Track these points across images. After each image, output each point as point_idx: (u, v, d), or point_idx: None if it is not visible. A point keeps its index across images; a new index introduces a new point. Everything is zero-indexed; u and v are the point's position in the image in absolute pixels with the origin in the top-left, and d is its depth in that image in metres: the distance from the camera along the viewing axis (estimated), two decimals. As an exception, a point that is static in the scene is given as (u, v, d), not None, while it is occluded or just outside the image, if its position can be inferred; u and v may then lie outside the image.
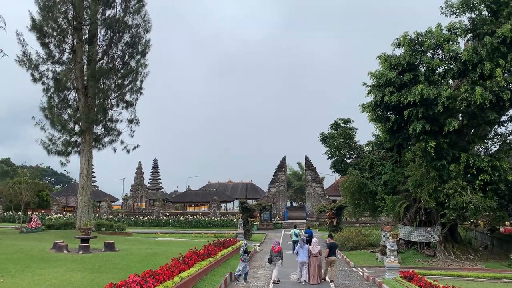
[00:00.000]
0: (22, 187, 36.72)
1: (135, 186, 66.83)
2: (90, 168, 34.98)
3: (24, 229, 32.74)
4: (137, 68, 35.89)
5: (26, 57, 33.68)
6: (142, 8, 35.98)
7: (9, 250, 18.64)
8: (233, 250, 21.69)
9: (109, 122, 36.51)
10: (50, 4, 33.40)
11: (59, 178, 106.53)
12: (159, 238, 34.62)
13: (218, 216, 51.60)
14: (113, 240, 21.82)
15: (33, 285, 11.37)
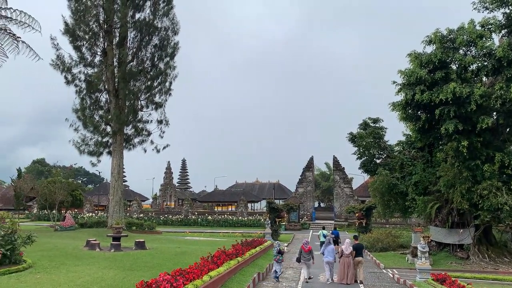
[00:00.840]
0: (56, 186, 37.95)
1: (164, 185, 67.91)
2: (121, 168, 35.75)
3: (58, 227, 33.80)
4: (166, 70, 36.44)
5: (59, 60, 34.71)
6: (171, 11, 36.53)
7: (45, 247, 19.27)
8: (261, 250, 21.73)
9: (139, 123, 37.24)
10: (82, 8, 34.35)
11: (91, 178, 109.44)
12: (188, 237, 35.06)
13: (245, 216, 51.79)
14: (143, 239, 22.24)
15: (68, 281, 11.72)
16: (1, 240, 13.40)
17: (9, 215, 15.09)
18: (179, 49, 37.05)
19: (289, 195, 64.27)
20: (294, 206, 47.55)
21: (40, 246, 18.47)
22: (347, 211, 44.30)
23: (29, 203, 58.35)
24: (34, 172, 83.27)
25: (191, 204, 58.60)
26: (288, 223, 46.07)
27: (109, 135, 35.68)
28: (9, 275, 12.26)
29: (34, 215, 54.15)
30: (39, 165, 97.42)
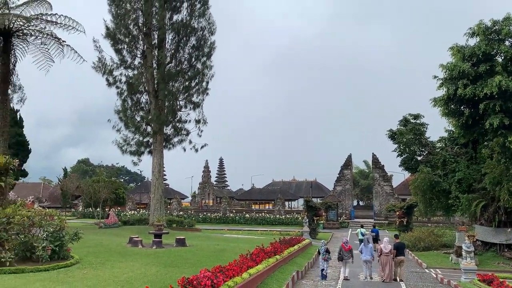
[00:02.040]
0: (100, 185, 39.32)
1: (203, 184, 68.95)
2: (161, 167, 36.60)
3: (102, 224, 35.05)
4: (203, 70, 36.99)
5: (101, 63, 35.96)
6: (207, 11, 37.03)
7: (90, 244, 20.03)
8: (299, 248, 21.69)
9: (178, 123, 38.01)
10: (122, 12, 35.42)
11: (133, 177, 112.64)
12: (226, 234, 35.46)
13: (282, 214, 51.77)
14: (183, 236, 22.72)
15: (113, 277, 12.14)
16: (51, 237, 14.06)
17: (57, 213, 15.78)
18: (216, 49, 37.53)
19: (326, 194, 63.67)
20: (332, 204, 47.08)
21: (86, 243, 19.20)
22: (387, 210, 43.46)
23: (75, 201, 60.84)
24: (79, 171, 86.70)
25: (229, 202, 59.20)
26: (327, 222, 45.65)
27: (150, 135, 36.64)
28: (58, 270, 12.86)
29: (80, 213, 56.42)
30: (83, 165, 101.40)
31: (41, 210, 15.52)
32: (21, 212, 14.26)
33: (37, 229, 14.27)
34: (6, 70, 19.62)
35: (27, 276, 11.92)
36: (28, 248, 13.85)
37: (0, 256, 12.72)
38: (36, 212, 14.89)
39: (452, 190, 23.50)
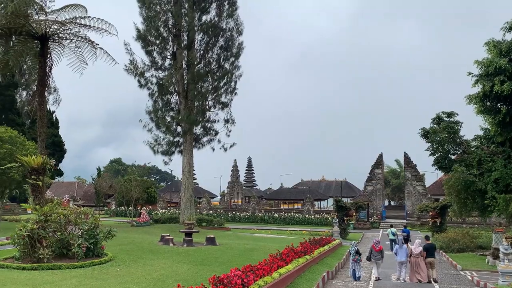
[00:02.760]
0: (132, 184, 40.16)
1: (232, 183, 69.35)
2: (191, 166, 37.08)
3: (134, 223, 35.80)
4: (232, 70, 37.24)
5: (133, 65, 36.73)
6: (235, 12, 37.25)
7: (123, 241, 20.50)
8: (330, 248, 21.49)
9: (207, 123, 38.44)
10: (152, 14, 36.06)
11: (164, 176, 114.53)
12: (256, 234, 35.53)
13: (312, 214, 51.40)
14: (213, 235, 22.91)
15: (145, 274, 12.39)
16: (85, 234, 14.48)
17: (91, 211, 16.24)
18: (244, 49, 37.69)
19: (357, 193, 62.83)
20: (363, 204, 46.42)
21: (119, 241, 19.66)
22: (420, 210, 42.43)
23: (108, 200, 62.40)
24: (112, 171, 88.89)
25: (258, 201, 59.27)
26: (357, 222, 45.04)
27: (180, 135, 37.19)
28: (93, 267, 13.23)
29: (113, 211, 57.79)
30: (116, 164, 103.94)
31: (77, 208, 15.98)
32: (58, 210, 14.73)
33: (73, 227, 14.71)
34: (43, 73, 20.32)
35: (64, 272, 12.32)
36: (65, 245, 14.31)
37: (39, 252, 13.20)
38: (71, 210, 15.35)
39: (488, 190, 22.70)
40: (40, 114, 20.06)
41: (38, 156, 16.94)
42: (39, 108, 20.33)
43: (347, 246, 25.70)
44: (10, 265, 12.87)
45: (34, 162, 16.53)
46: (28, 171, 16.95)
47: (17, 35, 20.61)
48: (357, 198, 54.10)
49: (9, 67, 22.62)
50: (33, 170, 16.55)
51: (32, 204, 16.28)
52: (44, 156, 17.17)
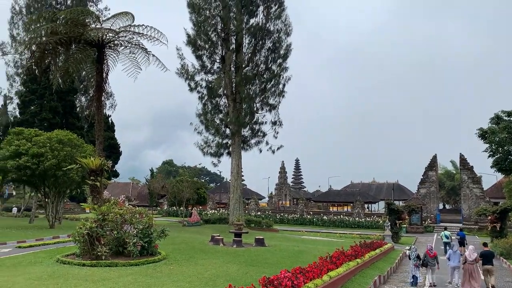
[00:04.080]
0: (183, 185, 41.20)
1: (279, 185, 69.35)
2: (239, 168, 37.49)
3: (186, 222, 36.71)
4: (279, 72, 37.27)
5: (184, 70, 37.72)
6: (283, 13, 37.28)
7: (176, 241, 21.08)
8: (381, 252, 20.94)
9: (255, 125, 38.69)
10: (202, 19, 36.87)
11: (213, 177, 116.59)
12: (304, 236, 35.30)
13: (362, 217, 50.34)
14: (262, 236, 23.02)
15: (197, 273, 12.66)
16: (140, 233, 15.02)
17: (145, 211, 16.83)
18: (292, 50, 37.62)
19: (409, 196, 60.81)
20: (416, 207, 44.83)
21: (171, 240, 20.22)
22: (477, 214, 40.37)
23: (160, 200, 64.36)
24: (164, 172, 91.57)
25: (306, 203, 58.90)
26: (410, 226, 43.58)
27: (228, 137, 37.72)
28: (147, 265, 13.71)
29: (165, 211, 59.55)
30: (168, 166, 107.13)
31: (132, 208, 16.63)
32: (114, 210, 15.40)
33: (128, 226, 15.31)
34: (100, 79, 21.32)
35: (120, 269, 12.84)
36: (121, 244, 14.92)
37: (97, 250, 13.86)
38: (127, 210, 15.99)
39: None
40: (97, 118, 21.07)
41: (96, 158, 17.78)
42: (97, 112, 21.35)
43: (400, 250, 24.97)
44: (72, 262, 13.61)
45: (93, 163, 17.37)
46: (87, 172, 17.82)
47: (76, 43, 21.74)
48: (410, 201, 52.35)
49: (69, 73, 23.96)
50: (92, 171, 17.39)
51: (90, 204, 17.11)
52: (102, 158, 17.99)
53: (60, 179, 29.85)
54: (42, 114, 51.90)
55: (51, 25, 20.34)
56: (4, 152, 29.20)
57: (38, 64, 21.86)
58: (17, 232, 25.90)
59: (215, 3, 37.19)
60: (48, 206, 31.40)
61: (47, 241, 20.77)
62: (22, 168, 28.42)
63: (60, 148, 29.54)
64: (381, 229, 38.89)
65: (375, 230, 42.84)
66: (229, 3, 36.60)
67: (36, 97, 53.30)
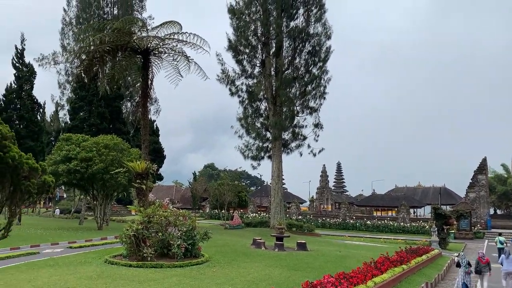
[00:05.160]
0: (225, 188, 41.68)
1: (321, 188, 68.65)
2: (280, 172, 37.44)
3: (227, 225, 37.07)
4: (320, 75, 36.97)
5: (224, 75, 38.21)
6: (323, 16, 37.02)
7: (218, 243, 21.33)
8: (428, 258, 20.25)
9: (295, 128, 38.54)
10: (242, 24, 37.25)
11: (253, 181, 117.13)
12: (347, 241, 34.73)
13: (407, 222, 48.85)
14: (304, 240, 22.85)
15: (239, 276, 12.75)
16: (184, 236, 15.32)
17: (188, 214, 17.16)
18: (332, 53, 37.24)
19: (457, 201, 58.44)
20: (465, 212, 43.06)
21: (214, 243, 20.46)
22: (532, 220, 38.27)
23: (202, 203, 65.40)
24: (206, 175, 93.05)
25: (349, 208, 57.87)
26: (458, 231, 41.87)
27: (269, 141, 37.78)
28: (191, 267, 13.95)
29: (207, 214, 60.43)
30: (209, 169, 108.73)
31: (176, 210, 16.99)
32: (159, 212, 15.80)
33: (173, 228, 15.65)
34: (145, 85, 22.04)
35: (165, 270, 13.15)
36: (165, 245, 15.27)
37: (143, 251, 14.26)
38: (171, 212, 16.36)
39: None
40: (143, 123, 21.77)
41: (142, 162, 18.35)
42: (143, 117, 22.06)
43: (448, 257, 24.07)
44: (119, 262, 14.07)
45: (139, 167, 17.94)
46: (134, 175, 18.43)
47: (123, 51, 22.58)
48: (458, 205, 50.26)
49: (115, 80, 24.93)
50: (138, 175, 17.96)
51: (137, 206, 17.65)
52: (147, 162, 18.56)
53: (107, 182, 30.98)
54: (90, 120, 54.16)
55: (100, 35, 21.23)
56: (56, 156, 30.72)
57: (87, 72, 22.88)
58: (68, 233, 27.13)
59: (255, 8, 37.47)
60: (96, 209, 32.66)
61: (96, 242, 21.60)
62: (72, 172, 29.77)
63: (106, 152, 30.70)
64: (428, 234, 37.63)
65: (421, 235, 41.47)
66: (269, 7, 36.76)
67: (85, 104, 55.71)
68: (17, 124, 49.48)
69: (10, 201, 7.59)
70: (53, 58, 73.42)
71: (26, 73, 52.07)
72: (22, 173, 7.25)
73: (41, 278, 11.30)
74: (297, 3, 37.23)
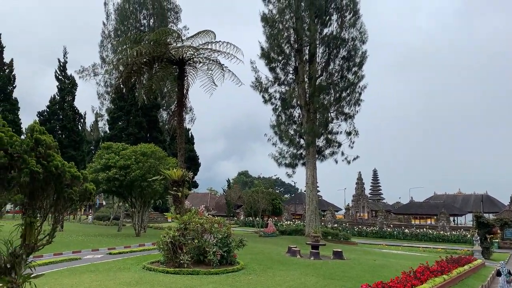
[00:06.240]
0: (259, 195, 41.73)
1: (356, 196, 67.44)
2: (314, 179, 37.13)
3: (262, 233, 37.01)
4: (355, 81, 36.54)
5: (258, 82, 38.45)
6: (358, 21, 36.65)
7: (253, 251, 21.34)
8: (470, 269, 19.48)
9: (329, 135, 38.18)
10: (275, 32, 37.44)
11: (287, 188, 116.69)
12: (384, 249, 33.93)
13: (447, 231, 47.24)
14: (340, 249, 22.51)
15: (275, 285, 12.70)
16: (219, 243, 15.44)
17: (223, 221, 17.29)
18: (367, 58, 36.77)
19: (501, 209, 56.01)
20: (510, 221, 41.20)
21: (249, 250, 20.48)
22: None
23: (237, 210, 65.65)
24: (240, 182, 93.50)
25: (386, 216, 56.57)
26: (502, 241, 40.09)
27: (303, 148, 37.58)
28: (226, 274, 14.02)
29: (241, 221, 60.60)
30: (243, 176, 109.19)
31: (211, 218, 17.16)
32: (195, 219, 16.01)
33: (208, 235, 15.81)
34: (181, 95, 22.54)
35: (201, 277, 13.27)
36: (201, 252, 15.44)
37: (180, 258, 14.47)
38: (207, 219, 16.54)
39: None
40: (179, 131, 22.21)
41: (178, 170, 18.69)
42: (178, 126, 22.51)
43: (491, 267, 23.08)
44: (156, 269, 14.33)
45: (175, 175, 18.28)
46: (170, 183, 18.78)
47: (159, 62, 23.21)
48: (502, 213, 48.21)
49: (152, 90, 25.60)
50: (174, 182, 18.30)
51: (173, 213, 17.95)
52: (183, 170, 18.89)
53: (145, 190, 31.68)
54: (128, 129, 55.73)
55: (137, 47, 21.90)
56: (96, 165, 31.73)
57: (125, 83, 23.64)
58: (107, 239, 27.88)
59: (288, 16, 37.59)
60: (134, 215, 33.42)
61: (134, 249, 22.09)
62: (111, 180, 30.63)
63: (144, 160, 31.43)
64: (469, 244, 36.25)
65: (463, 244, 39.98)
66: (302, 14, 36.77)
67: (123, 113, 57.41)
68: (59, 134, 51.52)
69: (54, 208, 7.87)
70: (93, 70, 76.20)
71: (68, 85, 54.27)
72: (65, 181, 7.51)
73: (82, 283, 11.67)
74: (330, 9, 37.05)
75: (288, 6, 37.41)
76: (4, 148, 6.38)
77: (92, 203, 56.45)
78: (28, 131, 6.88)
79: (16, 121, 45.42)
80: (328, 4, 36.71)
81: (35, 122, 6.91)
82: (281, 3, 37.83)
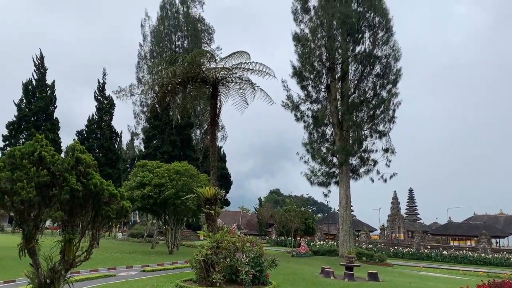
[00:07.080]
0: (291, 214, 41.34)
1: (392, 216, 65.74)
2: (348, 198, 36.50)
3: (294, 253, 36.52)
4: (389, 98, 36.04)
5: (289, 100, 38.54)
6: (391, 38, 36.37)
7: (286, 271, 21.06)
8: (516, 295, 18.43)
9: (363, 153, 37.59)
10: (307, 51, 37.62)
11: (320, 207, 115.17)
12: (422, 272, 32.68)
13: (489, 253, 45.12)
14: (375, 270, 21.87)
15: (308, 306, 12.45)
16: (252, 262, 15.30)
17: (256, 240, 17.17)
18: (402, 75, 36.27)
19: (547, 230, 53.13)
20: (557, 244, 38.98)
21: (281, 270, 20.22)
22: None
23: (268, 229, 65.21)
24: (271, 201, 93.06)
25: (423, 236, 54.73)
26: (550, 265, 37.89)
27: (336, 166, 37.12)
28: (259, 294, 13.87)
29: (273, 241, 60.08)
30: (275, 195, 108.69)
31: (243, 236, 17.07)
32: (227, 238, 15.97)
33: (240, 254, 15.70)
34: (213, 114, 22.89)
35: (234, 297, 13.17)
36: (233, 271, 15.32)
37: (212, 277, 14.42)
38: (239, 238, 16.46)
39: None
40: (212, 150, 22.47)
41: (211, 187, 18.79)
42: (211, 144, 22.79)
43: (539, 294, 21.74)
44: (189, 287, 14.32)
45: (208, 193, 18.36)
46: (203, 201, 18.88)
47: (193, 82, 23.72)
48: (549, 236, 45.64)
49: (186, 110, 26.12)
50: (207, 200, 18.37)
51: (206, 231, 17.99)
52: (216, 187, 18.99)
53: (178, 208, 32.01)
54: (163, 147, 56.84)
55: (172, 68, 22.49)
56: (131, 182, 32.43)
57: (160, 103, 24.26)
58: (141, 256, 28.23)
59: (320, 35, 37.75)
60: (168, 233, 33.75)
61: (167, 266, 22.25)
62: (146, 197, 31.17)
63: (177, 178, 31.86)
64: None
65: (506, 268, 38.03)
66: (334, 32, 36.84)
67: (158, 132, 58.71)
68: (97, 153, 53.11)
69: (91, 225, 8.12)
70: (129, 90, 78.57)
71: (106, 105, 56.13)
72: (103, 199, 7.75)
73: (117, 299, 11.83)
74: (362, 27, 36.97)
75: (320, 25, 37.62)
76: (46, 166, 6.65)
77: (126, 221, 57.56)
78: (69, 150, 7.13)
79: (56, 139, 47.31)
80: (360, 22, 36.66)
81: (76, 142, 7.16)
82: (313, 22, 38.09)
